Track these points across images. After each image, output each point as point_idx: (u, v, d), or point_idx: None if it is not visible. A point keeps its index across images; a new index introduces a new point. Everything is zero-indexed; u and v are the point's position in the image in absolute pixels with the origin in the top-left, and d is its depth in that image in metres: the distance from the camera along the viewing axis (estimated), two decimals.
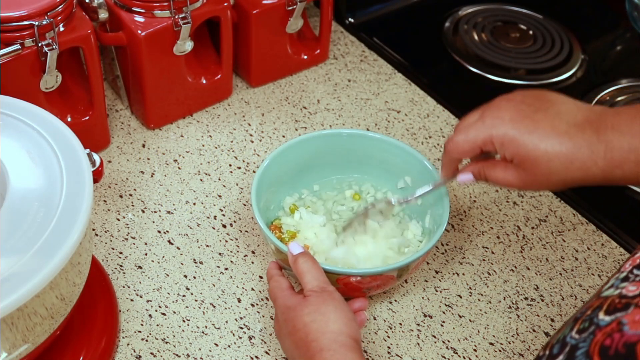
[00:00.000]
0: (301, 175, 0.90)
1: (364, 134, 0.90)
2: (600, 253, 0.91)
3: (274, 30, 1.04)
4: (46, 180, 0.66)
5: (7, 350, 0.63)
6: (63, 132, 0.71)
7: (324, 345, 0.68)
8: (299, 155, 0.88)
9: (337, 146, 0.90)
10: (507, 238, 0.92)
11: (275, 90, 1.09)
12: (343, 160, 0.90)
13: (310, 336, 0.68)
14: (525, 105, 0.71)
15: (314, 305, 0.70)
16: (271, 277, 0.77)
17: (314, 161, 0.90)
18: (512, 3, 1.27)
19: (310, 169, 0.90)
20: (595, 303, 0.53)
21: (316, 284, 0.73)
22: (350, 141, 0.89)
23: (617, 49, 1.25)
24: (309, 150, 0.89)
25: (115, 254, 0.87)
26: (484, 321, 0.84)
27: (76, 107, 0.94)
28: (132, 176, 0.96)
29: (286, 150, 0.86)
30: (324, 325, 0.69)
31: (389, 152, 0.89)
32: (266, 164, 0.84)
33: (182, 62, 0.98)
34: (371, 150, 0.89)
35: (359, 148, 0.90)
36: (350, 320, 0.70)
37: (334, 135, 0.90)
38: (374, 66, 1.14)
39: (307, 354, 0.68)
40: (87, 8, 0.91)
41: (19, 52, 0.83)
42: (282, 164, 0.86)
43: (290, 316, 0.71)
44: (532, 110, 0.70)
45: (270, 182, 0.85)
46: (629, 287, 0.52)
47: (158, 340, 0.80)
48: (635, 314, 0.48)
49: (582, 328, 0.52)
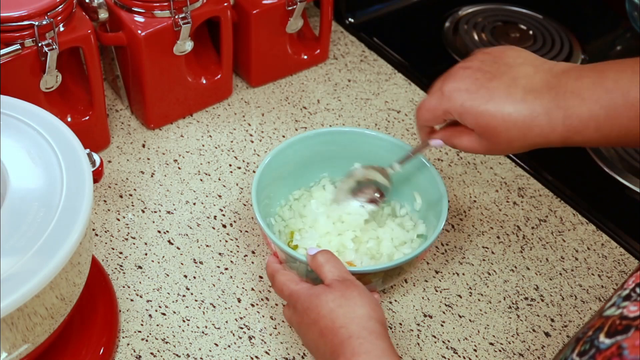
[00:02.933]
0: (300, 173, 0.90)
1: (362, 131, 0.90)
2: (600, 253, 0.91)
3: (274, 30, 1.04)
4: (46, 180, 0.66)
5: (7, 350, 0.63)
6: (63, 132, 0.71)
7: (352, 331, 0.65)
8: (298, 153, 0.88)
9: (337, 144, 0.90)
10: (507, 238, 0.92)
11: (275, 90, 1.09)
12: (342, 158, 0.91)
13: (338, 322, 0.66)
14: (481, 73, 0.70)
15: (339, 291, 0.68)
16: (276, 271, 0.75)
17: (313, 159, 0.90)
18: (512, 3, 1.27)
19: (309, 167, 0.90)
20: (597, 323, 0.52)
21: (337, 273, 0.71)
22: (349, 139, 0.90)
23: (617, 49, 1.25)
24: (309, 149, 0.89)
25: (115, 254, 0.87)
26: (484, 321, 0.84)
27: (76, 107, 0.94)
28: (132, 176, 0.96)
29: (286, 149, 0.87)
30: (351, 311, 0.67)
31: (386, 149, 0.89)
32: (267, 161, 0.84)
33: (182, 62, 0.98)
34: (368, 147, 0.90)
35: (357, 146, 0.90)
36: (376, 304, 0.69)
37: (333, 133, 0.90)
38: (374, 66, 1.14)
39: (334, 341, 0.66)
40: (87, 8, 0.91)
41: (19, 52, 0.83)
42: (281, 162, 0.86)
43: (314, 303, 0.68)
44: (488, 79, 0.69)
45: (270, 180, 0.85)
46: (630, 307, 0.51)
47: (158, 340, 0.80)
48: (635, 338, 0.48)
49: (582, 350, 0.51)
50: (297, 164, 0.89)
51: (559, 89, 0.67)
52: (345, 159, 0.90)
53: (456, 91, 0.70)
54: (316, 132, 0.89)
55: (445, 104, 0.71)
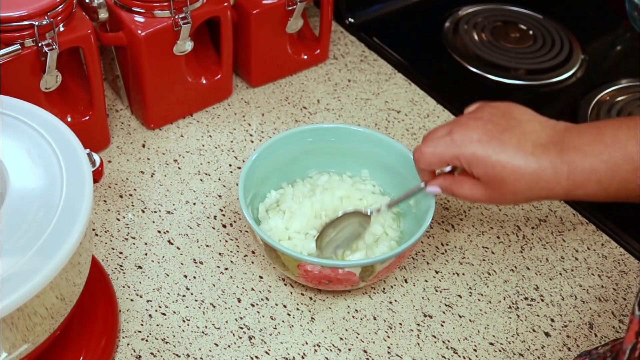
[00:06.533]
0: (287, 169, 0.90)
1: (349, 128, 0.91)
2: (600, 253, 0.91)
3: (274, 30, 1.04)
4: (46, 180, 0.66)
5: (7, 350, 0.63)
6: (63, 132, 0.71)
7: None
8: (285, 150, 0.89)
9: (325, 140, 0.90)
10: (507, 238, 0.92)
11: (275, 90, 1.09)
12: (330, 155, 0.91)
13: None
14: (493, 125, 0.73)
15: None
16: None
17: (301, 156, 0.90)
18: (512, 3, 1.27)
19: (296, 163, 0.91)
20: None
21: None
22: (337, 135, 0.90)
23: (617, 49, 1.25)
24: (296, 145, 0.89)
25: (115, 254, 0.87)
26: (484, 321, 0.84)
27: (76, 107, 0.94)
28: (132, 176, 0.96)
29: (272, 146, 0.87)
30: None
31: (377, 146, 0.89)
32: (253, 158, 0.85)
33: (182, 62, 0.98)
34: (358, 144, 0.90)
35: (347, 142, 0.90)
36: None
37: (320, 129, 0.90)
38: (374, 66, 1.14)
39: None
40: (87, 8, 0.91)
41: (19, 52, 0.83)
42: (268, 159, 0.87)
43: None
44: (499, 131, 0.72)
45: (258, 177, 0.86)
46: None
47: (158, 340, 0.80)
48: None
49: None
50: (284, 159, 0.89)
51: (563, 145, 0.70)
52: (331, 154, 0.91)
53: (468, 140, 0.73)
54: (304, 128, 0.90)
55: (456, 150, 0.73)
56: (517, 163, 0.70)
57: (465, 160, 0.73)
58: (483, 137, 0.72)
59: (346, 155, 0.91)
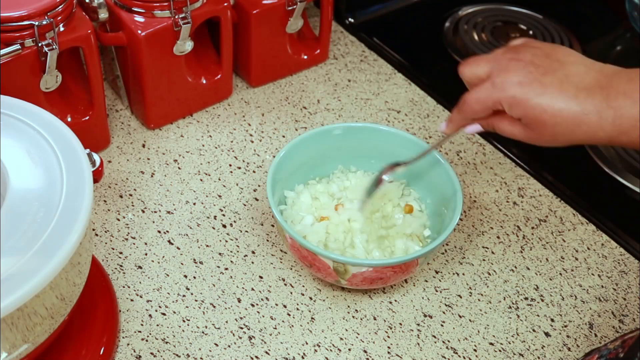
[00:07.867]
0: (313, 167, 0.91)
1: (376, 127, 0.91)
2: (600, 253, 0.91)
3: (274, 30, 1.04)
4: (46, 180, 0.66)
5: (7, 350, 0.63)
6: (63, 132, 0.71)
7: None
8: (311, 148, 0.89)
9: (351, 140, 0.91)
10: (507, 238, 0.92)
11: (275, 90, 1.09)
12: (355, 153, 0.91)
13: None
14: (534, 67, 0.71)
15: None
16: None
17: (326, 154, 0.91)
18: (512, 3, 1.27)
19: (322, 162, 0.91)
20: None
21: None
22: (363, 135, 0.91)
23: (617, 49, 1.25)
24: (323, 144, 0.89)
25: (115, 254, 0.87)
26: (484, 321, 0.84)
27: (76, 107, 0.94)
28: (132, 176, 0.96)
29: (301, 143, 0.87)
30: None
31: (401, 145, 0.90)
32: (282, 154, 0.85)
33: (182, 62, 0.98)
34: (380, 143, 0.90)
35: (370, 142, 0.91)
36: None
37: (349, 128, 0.91)
38: (374, 66, 1.14)
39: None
40: (87, 8, 0.91)
41: (19, 52, 0.83)
42: (295, 156, 0.87)
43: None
44: (541, 73, 0.70)
45: (284, 174, 0.86)
46: None
47: (158, 340, 0.80)
48: None
49: None
50: (310, 158, 0.89)
51: (610, 89, 0.68)
52: (359, 154, 0.91)
53: (508, 83, 0.71)
54: (329, 128, 0.90)
55: (497, 94, 0.72)
56: (558, 106, 0.68)
57: (506, 102, 0.71)
58: (524, 79, 0.70)
59: (372, 152, 0.91)
